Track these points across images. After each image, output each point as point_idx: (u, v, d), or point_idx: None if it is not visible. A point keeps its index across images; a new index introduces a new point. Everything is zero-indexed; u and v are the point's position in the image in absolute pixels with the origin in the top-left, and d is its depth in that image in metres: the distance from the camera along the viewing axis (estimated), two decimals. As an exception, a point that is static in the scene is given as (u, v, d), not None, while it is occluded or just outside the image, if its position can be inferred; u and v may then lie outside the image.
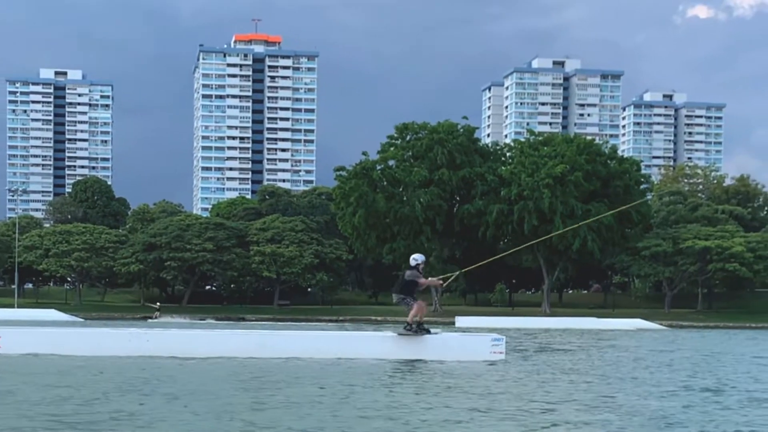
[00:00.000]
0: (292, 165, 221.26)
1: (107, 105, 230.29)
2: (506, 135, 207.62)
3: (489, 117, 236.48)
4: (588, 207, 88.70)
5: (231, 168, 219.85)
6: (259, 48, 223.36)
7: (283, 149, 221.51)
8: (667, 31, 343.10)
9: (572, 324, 61.26)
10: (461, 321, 61.94)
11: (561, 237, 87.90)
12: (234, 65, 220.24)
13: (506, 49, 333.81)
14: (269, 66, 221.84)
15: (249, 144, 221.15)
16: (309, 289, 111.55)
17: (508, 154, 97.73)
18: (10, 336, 20.80)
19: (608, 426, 10.49)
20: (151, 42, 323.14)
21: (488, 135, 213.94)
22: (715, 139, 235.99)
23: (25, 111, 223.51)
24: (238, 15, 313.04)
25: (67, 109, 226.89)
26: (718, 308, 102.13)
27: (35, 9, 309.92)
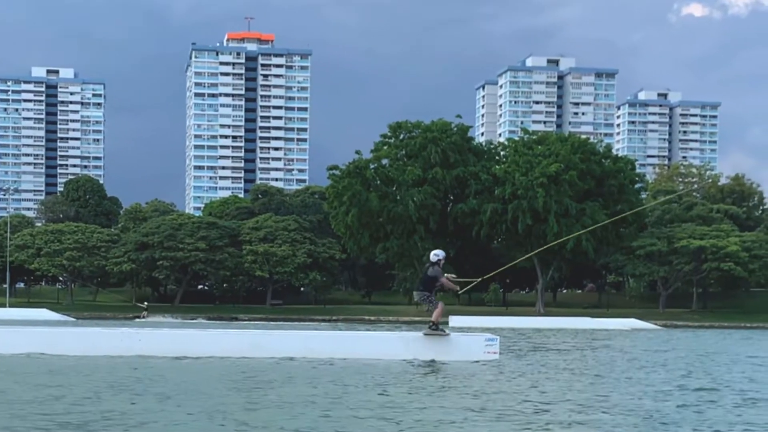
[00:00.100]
0: (285, 164, 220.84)
1: (99, 104, 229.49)
2: (500, 134, 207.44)
3: (483, 116, 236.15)
4: (582, 206, 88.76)
5: (223, 167, 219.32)
6: (252, 46, 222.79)
7: (276, 148, 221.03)
8: (662, 30, 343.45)
9: (566, 324, 61.27)
10: (455, 321, 61.70)
11: (555, 236, 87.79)
12: (227, 64, 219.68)
13: (500, 48, 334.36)
14: (262, 64, 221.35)
15: (242, 143, 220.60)
16: (302, 289, 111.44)
17: (502, 153, 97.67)
18: (2, 336, 20.71)
19: (602, 426, 10.46)
20: (144, 40, 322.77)
21: (482, 134, 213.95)
22: (710, 138, 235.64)
23: (17, 110, 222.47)
24: (231, 13, 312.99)
25: (59, 108, 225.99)
26: (713, 308, 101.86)
27: (27, 7, 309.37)
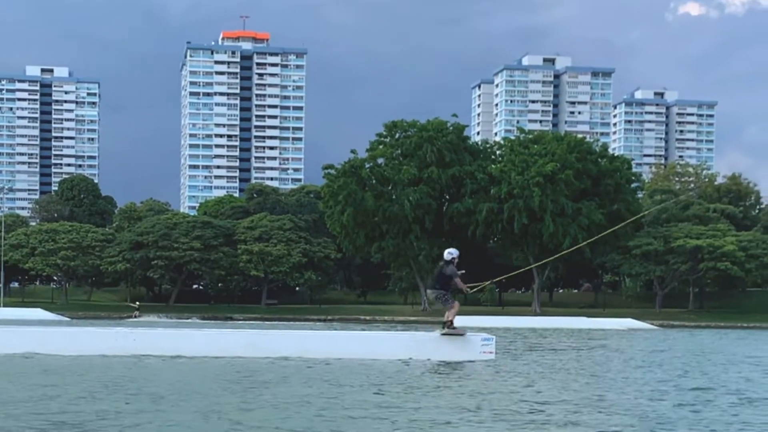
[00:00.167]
0: (280, 163, 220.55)
1: (94, 102, 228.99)
2: (496, 133, 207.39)
3: (479, 115, 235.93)
4: (578, 206, 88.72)
5: (218, 166, 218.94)
6: (247, 45, 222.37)
7: (271, 147, 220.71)
8: (659, 29, 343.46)
9: (562, 323, 61.26)
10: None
11: (551, 236, 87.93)
12: (222, 62, 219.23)
13: (496, 47, 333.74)
14: (257, 63, 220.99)
15: (237, 142, 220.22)
16: (297, 288, 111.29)
17: (498, 152, 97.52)
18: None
19: (598, 426, 10.43)
20: (139, 39, 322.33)
21: (478, 133, 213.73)
22: (707, 137, 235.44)
23: (11, 109, 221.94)
24: (226, 12, 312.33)
25: (54, 107, 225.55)
26: (710, 308, 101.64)
27: (22, 6, 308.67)
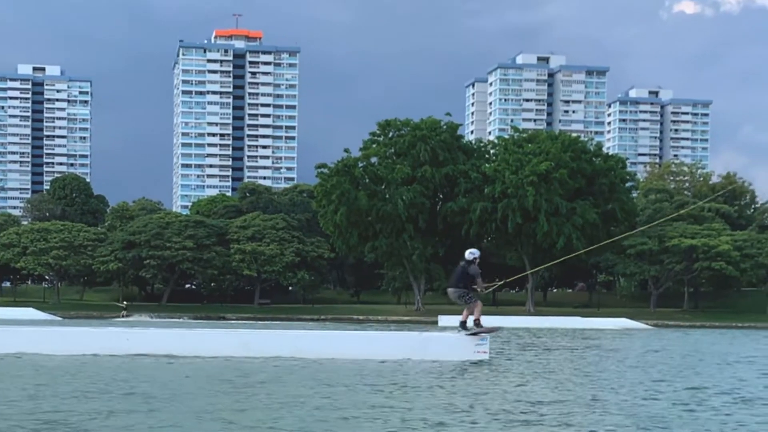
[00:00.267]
0: (273, 162, 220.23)
1: (86, 101, 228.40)
2: (490, 132, 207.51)
3: (473, 114, 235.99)
4: (573, 205, 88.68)
5: (211, 165, 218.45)
6: (240, 43, 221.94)
7: (264, 146, 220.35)
8: (653, 27, 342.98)
9: (557, 323, 61.26)
10: (444, 320, 61.44)
11: (545, 235, 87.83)
12: (214, 61, 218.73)
13: (490, 45, 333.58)
14: (250, 62, 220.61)
15: (229, 141, 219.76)
16: (290, 288, 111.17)
17: (492, 151, 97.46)
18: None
19: (591, 426, 10.43)
20: (131, 37, 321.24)
21: (472, 132, 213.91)
22: (702, 136, 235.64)
23: (3, 107, 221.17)
24: (219, 10, 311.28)
25: (45, 106, 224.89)
26: (704, 307, 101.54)
27: (14, 4, 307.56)
